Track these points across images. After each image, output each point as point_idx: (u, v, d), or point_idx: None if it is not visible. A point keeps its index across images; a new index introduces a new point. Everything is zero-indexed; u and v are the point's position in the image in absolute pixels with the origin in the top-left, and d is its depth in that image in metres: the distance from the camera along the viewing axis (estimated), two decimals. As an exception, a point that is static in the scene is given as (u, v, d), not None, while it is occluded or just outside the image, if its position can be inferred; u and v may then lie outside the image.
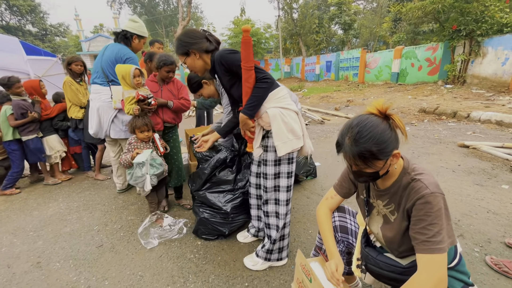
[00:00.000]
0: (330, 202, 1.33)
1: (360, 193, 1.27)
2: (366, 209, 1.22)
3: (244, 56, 1.38)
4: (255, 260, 1.79)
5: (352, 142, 0.96)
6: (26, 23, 26.10)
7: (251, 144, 1.62)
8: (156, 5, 31.94)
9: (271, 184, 1.64)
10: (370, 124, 0.95)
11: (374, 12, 23.63)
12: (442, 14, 7.99)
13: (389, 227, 1.11)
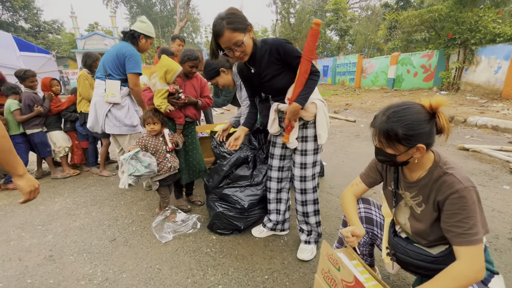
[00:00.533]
0: (355, 189, 1.39)
1: (388, 184, 1.30)
2: (394, 200, 1.26)
3: (310, 47, 1.41)
4: (309, 249, 1.82)
5: (385, 119, 1.01)
6: (18, 19, 25.57)
7: (288, 135, 1.61)
8: (153, 6, 31.86)
9: (310, 173, 1.69)
10: (410, 109, 0.99)
11: (369, 19, 24.20)
12: (438, 23, 8.25)
13: (417, 218, 1.14)
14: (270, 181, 1.92)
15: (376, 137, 1.07)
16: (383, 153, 1.08)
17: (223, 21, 1.34)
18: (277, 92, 1.62)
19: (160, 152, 2.17)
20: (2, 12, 24.61)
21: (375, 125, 1.06)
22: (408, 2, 14.63)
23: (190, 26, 31.36)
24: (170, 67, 2.08)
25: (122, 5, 31.01)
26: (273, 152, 1.85)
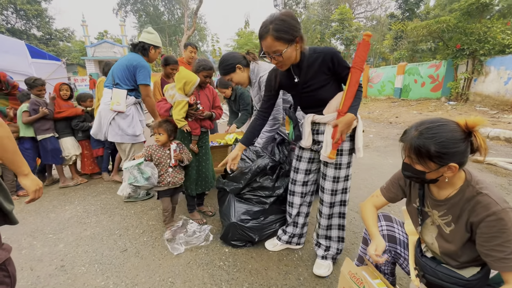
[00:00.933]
0: (375, 200, 1.35)
1: (413, 201, 1.25)
2: (420, 218, 1.22)
3: (361, 58, 1.38)
4: (326, 265, 1.77)
5: (417, 134, 0.98)
6: (31, 27, 26.34)
7: (335, 150, 1.52)
8: (161, 15, 32.57)
9: (341, 186, 1.64)
10: (444, 127, 0.95)
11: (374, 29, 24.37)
12: (446, 33, 8.25)
13: (446, 239, 1.10)
14: (293, 195, 1.86)
15: (405, 152, 1.04)
16: (412, 169, 1.05)
17: (269, 25, 1.29)
18: (317, 103, 1.55)
19: (163, 165, 2.16)
20: (16, 20, 25.39)
21: (405, 140, 1.03)
22: (413, 13, 14.74)
23: (197, 35, 31.88)
24: (189, 78, 2.08)
25: (131, 14, 31.81)
26: (298, 166, 1.78)
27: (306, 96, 1.56)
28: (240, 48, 18.71)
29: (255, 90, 2.09)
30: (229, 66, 2.00)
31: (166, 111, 2.20)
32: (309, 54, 1.43)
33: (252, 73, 2.05)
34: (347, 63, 1.45)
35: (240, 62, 1.99)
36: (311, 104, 1.58)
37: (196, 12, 18.47)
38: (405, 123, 6.79)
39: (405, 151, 1.05)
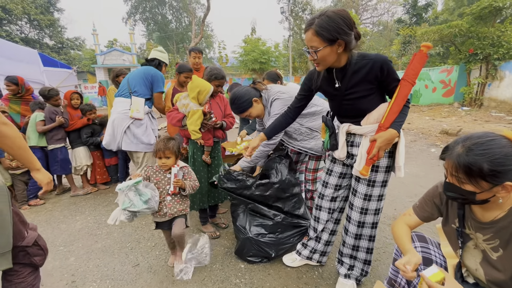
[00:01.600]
0: (407, 219, 1.25)
1: (450, 222, 1.14)
2: (460, 240, 1.11)
3: (415, 71, 1.28)
4: (350, 284, 1.66)
5: (464, 150, 0.89)
6: (44, 36, 27.14)
7: (369, 166, 1.38)
8: (169, 23, 33.16)
9: (374, 206, 1.51)
10: (495, 141, 0.86)
11: (381, 34, 24.30)
12: (458, 38, 8.11)
13: (493, 265, 0.99)
14: (320, 210, 1.74)
15: (449, 170, 0.95)
16: (458, 190, 0.95)
17: (317, 19, 1.23)
18: (356, 113, 1.43)
19: (161, 191, 1.77)
20: (30, 30, 26.20)
21: (450, 157, 0.93)
22: (421, 18, 14.62)
23: (204, 42, 32.29)
24: (203, 87, 2.03)
25: (140, 22, 32.47)
26: (327, 180, 1.67)
27: (346, 104, 1.44)
28: (247, 55, 18.81)
29: (266, 114, 2.04)
30: (246, 102, 1.94)
31: (179, 121, 2.14)
32: (356, 60, 1.33)
33: (265, 100, 2.00)
34: (397, 74, 1.35)
35: (254, 95, 1.94)
36: (349, 113, 1.47)
37: (203, 20, 18.73)
38: (417, 129, 6.62)
39: (448, 170, 0.95)
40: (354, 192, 1.55)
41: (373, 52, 19.94)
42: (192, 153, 2.22)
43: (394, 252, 1.31)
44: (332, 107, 1.56)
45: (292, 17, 21.35)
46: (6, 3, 21.80)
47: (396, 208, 2.76)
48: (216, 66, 2.38)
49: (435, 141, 5.58)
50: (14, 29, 24.77)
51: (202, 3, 31.12)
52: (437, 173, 3.79)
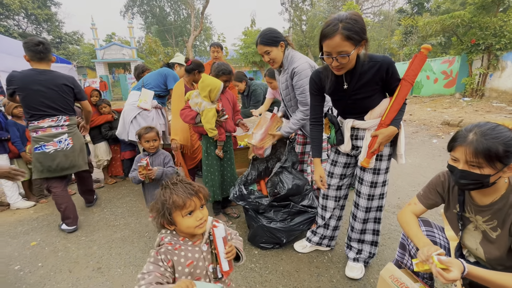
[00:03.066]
0: (413, 208, 1.31)
1: (452, 207, 1.24)
2: (460, 223, 1.21)
3: (415, 71, 1.36)
4: (358, 267, 1.78)
5: (479, 136, 0.95)
6: (42, 31, 26.89)
7: (370, 159, 1.51)
8: (167, 16, 32.77)
9: (379, 192, 1.62)
10: (499, 127, 0.97)
11: (382, 24, 24.04)
12: (460, 28, 8.09)
13: (493, 244, 1.09)
14: (327, 199, 1.86)
15: (464, 158, 0.99)
16: (472, 176, 0.99)
17: (339, 23, 1.21)
18: (360, 110, 1.52)
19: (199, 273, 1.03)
20: (27, 25, 25.94)
21: (466, 144, 0.97)
22: (423, 7, 14.45)
23: (203, 35, 31.97)
24: (214, 85, 2.11)
25: (138, 16, 32.08)
26: (332, 171, 1.78)
27: (351, 103, 1.51)
28: (247, 48, 18.68)
29: (284, 77, 2.03)
30: (275, 38, 1.88)
31: (192, 119, 2.22)
32: (362, 61, 1.38)
33: (285, 58, 1.96)
34: (399, 74, 1.43)
35: (284, 41, 1.92)
36: (354, 110, 1.55)
37: (202, 12, 18.52)
38: (419, 120, 6.70)
39: (463, 158, 1.00)
40: (360, 181, 1.65)
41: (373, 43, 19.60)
42: (206, 147, 2.31)
43: (401, 237, 1.41)
44: (337, 106, 1.63)
45: (292, 8, 21.10)
46: (3, -3, 21.52)
47: (399, 197, 2.88)
48: (223, 62, 2.45)
49: (436, 132, 5.66)
50: (12, 24, 24.52)
51: (201, -6, 30.67)
52: (439, 163, 3.90)
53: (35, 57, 2.22)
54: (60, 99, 2.32)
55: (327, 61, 1.32)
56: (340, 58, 1.27)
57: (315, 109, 1.67)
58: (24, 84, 2.20)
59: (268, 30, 1.94)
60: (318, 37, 1.31)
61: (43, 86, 2.23)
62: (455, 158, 1.04)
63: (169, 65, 3.09)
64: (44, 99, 2.25)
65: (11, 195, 3.02)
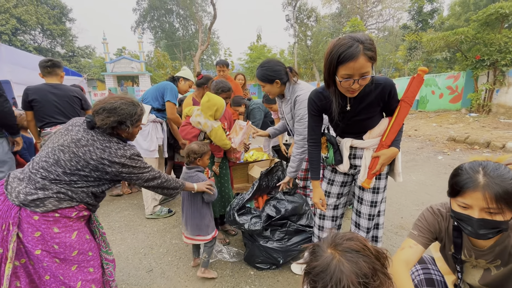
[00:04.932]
0: (410, 253, 1.09)
1: (447, 249, 1.14)
2: (458, 266, 1.11)
3: (413, 93, 1.37)
4: None
5: (494, 178, 0.84)
6: (56, 45, 28.02)
7: (371, 180, 1.49)
8: (176, 31, 33.85)
9: (376, 210, 1.60)
10: (502, 166, 0.90)
11: (386, 40, 24.32)
12: (464, 44, 8.10)
13: (496, 278, 1.04)
14: (324, 219, 1.82)
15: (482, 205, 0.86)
16: (493, 224, 0.87)
17: (360, 45, 1.15)
18: (359, 130, 1.51)
19: None
20: (42, 39, 27.09)
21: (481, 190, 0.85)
22: (427, 23, 14.62)
23: (210, 49, 32.80)
24: (219, 103, 2.13)
25: (148, 31, 33.24)
26: (330, 190, 1.74)
27: (351, 124, 1.49)
28: (253, 62, 19.07)
29: (288, 107, 2.04)
30: (269, 77, 1.92)
31: (195, 137, 2.21)
32: (384, 84, 1.37)
33: (287, 90, 1.98)
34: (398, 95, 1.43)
35: (280, 79, 1.93)
36: (352, 130, 1.54)
37: (210, 27, 19.10)
38: (424, 136, 6.61)
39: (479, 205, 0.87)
40: (360, 200, 1.62)
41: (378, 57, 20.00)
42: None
43: None
44: (335, 126, 1.59)
45: (297, 24, 21.58)
46: (22, 14, 22.63)
47: (402, 217, 2.79)
48: (221, 80, 2.48)
49: (442, 148, 5.56)
50: (28, 38, 25.64)
51: (209, 11, 31.73)
52: (444, 181, 3.79)
53: (45, 72, 2.65)
54: (70, 108, 2.69)
55: (345, 85, 1.24)
56: (362, 80, 1.21)
57: (314, 130, 1.61)
58: (40, 96, 2.57)
59: (265, 66, 1.93)
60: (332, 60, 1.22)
61: (56, 97, 2.62)
62: (466, 205, 0.91)
63: (174, 78, 3.07)
64: (57, 109, 2.62)
65: None
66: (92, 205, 1.37)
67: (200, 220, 1.90)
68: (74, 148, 1.26)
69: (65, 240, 1.23)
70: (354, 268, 0.66)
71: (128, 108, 1.36)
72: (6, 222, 1.17)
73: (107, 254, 1.49)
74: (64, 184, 1.24)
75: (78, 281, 1.29)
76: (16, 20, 22.52)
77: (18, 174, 1.26)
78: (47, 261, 1.22)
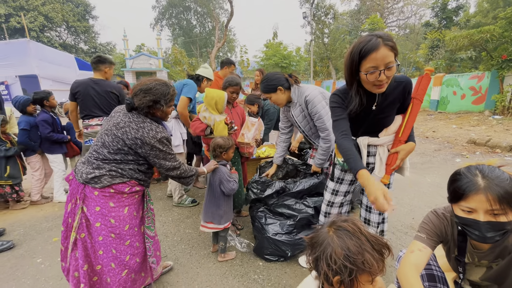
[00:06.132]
0: (418, 258, 1.07)
1: (452, 252, 1.15)
2: (460, 268, 1.14)
3: (424, 91, 1.42)
4: None
5: (493, 179, 0.87)
6: (79, 42, 29.24)
7: (389, 175, 1.51)
8: (193, 28, 34.33)
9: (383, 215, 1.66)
10: (495, 168, 0.92)
11: (407, 38, 23.50)
12: (490, 43, 7.74)
13: (494, 273, 1.06)
14: (332, 206, 1.84)
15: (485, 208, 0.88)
16: (499, 226, 0.88)
17: (379, 38, 1.19)
18: (378, 130, 1.53)
19: None
20: (67, 36, 28.31)
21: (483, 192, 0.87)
22: (451, 21, 14.00)
23: (226, 46, 33.05)
24: (218, 96, 2.22)
25: (166, 28, 33.93)
26: (338, 188, 1.77)
27: (373, 123, 1.49)
28: (268, 59, 19.04)
29: (297, 110, 2.11)
30: (271, 86, 2.05)
31: (202, 131, 2.33)
32: (406, 81, 1.42)
33: (293, 94, 2.08)
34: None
35: (282, 85, 2.04)
36: (372, 129, 1.53)
37: (226, 25, 19.25)
38: (443, 137, 6.40)
39: (483, 208, 0.88)
40: (368, 209, 1.67)
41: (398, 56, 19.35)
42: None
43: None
44: (355, 126, 1.51)
45: (315, 21, 21.29)
46: (49, 11, 23.73)
47: (414, 217, 2.77)
48: (231, 75, 2.55)
49: (461, 150, 5.39)
50: (54, 35, 26.89)
51: (226, 8, 31.93)
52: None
53: (92, 68, 2.88)
54: (106, 103, 2.83)
55: (372, 78, 1.23)
56: (387, 71, 1.21)
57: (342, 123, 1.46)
58: (83, 90, 2.77)
59: (265, 80, 2.08)
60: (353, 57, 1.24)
61: (95, 92, 2.78)
62: (471, 209, 0.91)
63: (198, 78, 3.02)
64: (94, 103, 2.79)
65: (57, 190, 3.37)
66: (143, 180, 1.55)
67: (215, 209, 2.02)
68: (115, 131, 1.43)
69: (119, 214, 1.45)
70: (341, 243, 0.75)
71: (162, 88, 1.51)
72: (75, 197, 1.43)
73: (149, 230, 1.63)
74: (112, 162, 1.43)
75: (127, 254, 1.50)
76: (43, 18, 23.66)
77: (82, 159, 1.51)
78: (104, 234, 1.43)
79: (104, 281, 1.48)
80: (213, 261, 2.13)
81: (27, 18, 22.39)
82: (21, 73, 12.96)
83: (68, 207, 1.46)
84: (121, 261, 1.47)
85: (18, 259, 2.20)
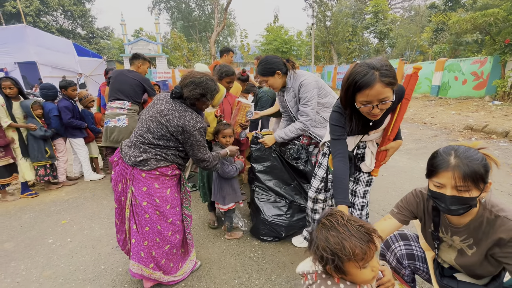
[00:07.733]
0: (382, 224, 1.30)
1: (427, 227, 1.26)
2: (436, 242, 1.24)
3: (412, 90, 1.47)
4: None
5: (463, 159, 0.95)
6: (76, 27, 28.66)
7: (378, 168, 1.69)
8: (192, 11, 33.44)
9: (369, 189, 1.80)
10: (471, 149, 1.00)
11: (412, 20, 22.84)
12: (493, 27, 7.59)
13: (468, 260, 1.14)
14: (316, 203, 1.99)
15: (451, 183, 0.98)
16: (462, 200, 0.98)
17: (376, 72, 1.18)
18: (371, 129, 1.57)
19: None
20: (64, 20, 27.74)
21: (452, 170, 0.96)
22: (458, 3, 13.57)
23: (226, 30, 32.31)
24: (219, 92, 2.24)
25: (165, 11, 33.09)
26: (323, 175, 1.89)
27: (367, 128, 1.56)
28: (269, 44, 18.68)
29: (290, 95, 2.16)
30: (270, 69, 2.08)
31: None
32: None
33: (289, 79, 2.12)
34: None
35: (280, 69, 2.07)
36: (365, 131, 1.59)
37: (226, 8, 18.74)
38: (441, 123, 6.45)
39: (450, 183, 0.98)
40: (356, 181, 1.77)
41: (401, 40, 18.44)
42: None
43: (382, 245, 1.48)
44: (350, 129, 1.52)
45: (317, 3, 20.68)
46: (44, -5, 23.09)
47: (404, 201, 2.89)
48: (225, 64, 2.54)
49: (457, 136, 5.46)
50: (50, 20, 26.34)
51: (225, -10, 30.89)
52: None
53: (129, 62, 3.31)
54: (129, 89, 3.12)
55: (365, 110, 1.28)
56: (382, 105, 1.24)
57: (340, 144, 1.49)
58: (114, 76, 3.16)
59: (264, 61, 2.11)
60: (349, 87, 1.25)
61: (123, 79, 3.13)
62: (440, 184, 1.01)
63: None
64: (118, 87, 3.11)
65: (87, 169, 3.71)
66: (181, 165, 1.68)
67: (219, 190, 2.19)
68: (159, 117, 1.53)
69: (163, 194, 1.58)
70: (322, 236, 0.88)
71: (211, 84, 1.62)
72: (125, 178, 1.57)
73: (187, 210, 1.79)
74: (157, 147, 1.54)
75: (169, 231, 1.64)
76: (39, 2, 23.10)
77: (127, 142, 1.61)
78: (150, 212, 1.56)
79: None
80: (212, 241, 2.29)
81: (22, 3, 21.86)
82: (19, 59, 12.86)
83: (119, 186, 1.60)
84: (164, 236, 1.62)
85: (31, 240, 2.37)
